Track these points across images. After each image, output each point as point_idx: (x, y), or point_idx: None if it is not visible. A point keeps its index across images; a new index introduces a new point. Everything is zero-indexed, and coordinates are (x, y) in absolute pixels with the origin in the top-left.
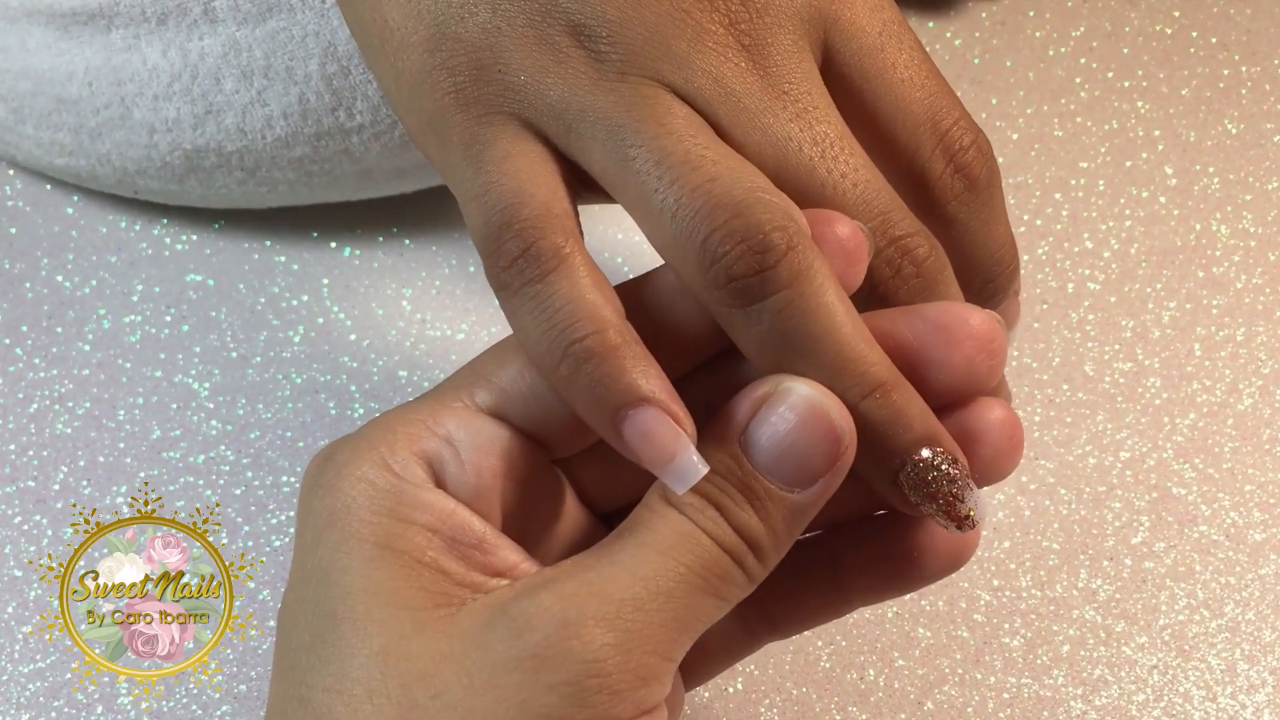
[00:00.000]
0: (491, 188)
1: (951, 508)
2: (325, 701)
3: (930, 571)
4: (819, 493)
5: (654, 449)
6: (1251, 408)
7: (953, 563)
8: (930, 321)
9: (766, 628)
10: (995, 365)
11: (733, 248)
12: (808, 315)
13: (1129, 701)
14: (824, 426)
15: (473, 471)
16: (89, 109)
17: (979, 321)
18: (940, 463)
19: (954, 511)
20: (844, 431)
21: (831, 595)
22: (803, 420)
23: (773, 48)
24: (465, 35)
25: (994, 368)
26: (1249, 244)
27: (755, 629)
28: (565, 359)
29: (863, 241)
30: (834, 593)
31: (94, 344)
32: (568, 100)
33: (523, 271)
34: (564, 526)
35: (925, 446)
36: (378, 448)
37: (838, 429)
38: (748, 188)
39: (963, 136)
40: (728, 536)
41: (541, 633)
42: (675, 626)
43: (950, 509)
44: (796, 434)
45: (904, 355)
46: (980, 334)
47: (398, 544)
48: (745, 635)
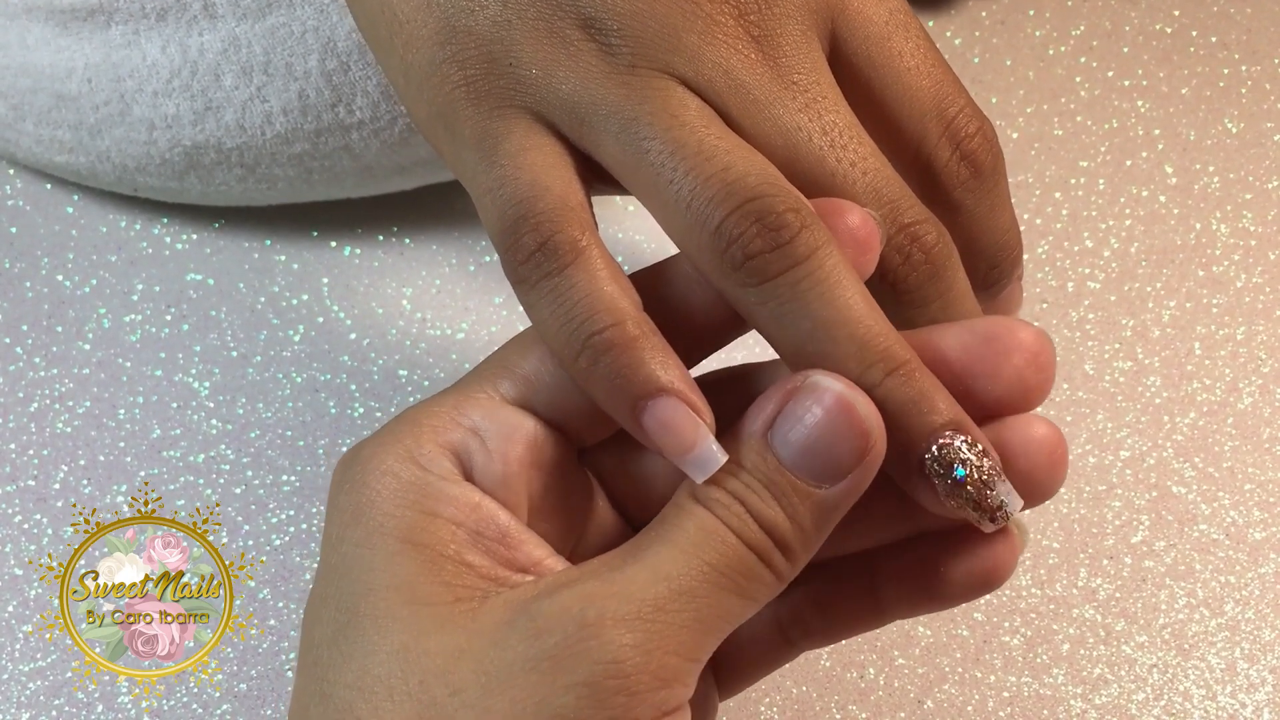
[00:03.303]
0: (506, 182)
1: (981, 496)
2: (346, 698)
3: (968, 587)
4: (848, 489)
5: (673, 438)
6: (1251, 407)
7: (991, 578)
8: (978, 333)
9: (804, 636)
10: (1043, 380)
11: (748, 228)
12: (826, 288)
13: (1129, 700)
14: (851, 420)
15: (499, 460)
16: (88, 105)
17: (1029, 335)
18: (966, 447)
19: (984, 500)
20: (872, 425)
21: (869, 607)
22: (829, 414)
23: (782, 39)
24: (476, 28)
25: (1042, 382)
26: (1249, 243)
27: (792, 637)
28: (584, 351)
29: (875, 229)
30: (871, 605)
31: (94, 343)
32: (579, 94)
33: (540, 265)
34: (595, 528)
35: (951, 431)
36: (403, 441)
37: (865, 422)
38: (760, 175)
39: (968, 124)
40: (753, 534)
41: (560, 633)
42: (699, 627)
43: (980, 497)
44: (823, 428)
45: (947, 368)
46: (1030, 346)
47: (420, 537)
48: (783, 644)
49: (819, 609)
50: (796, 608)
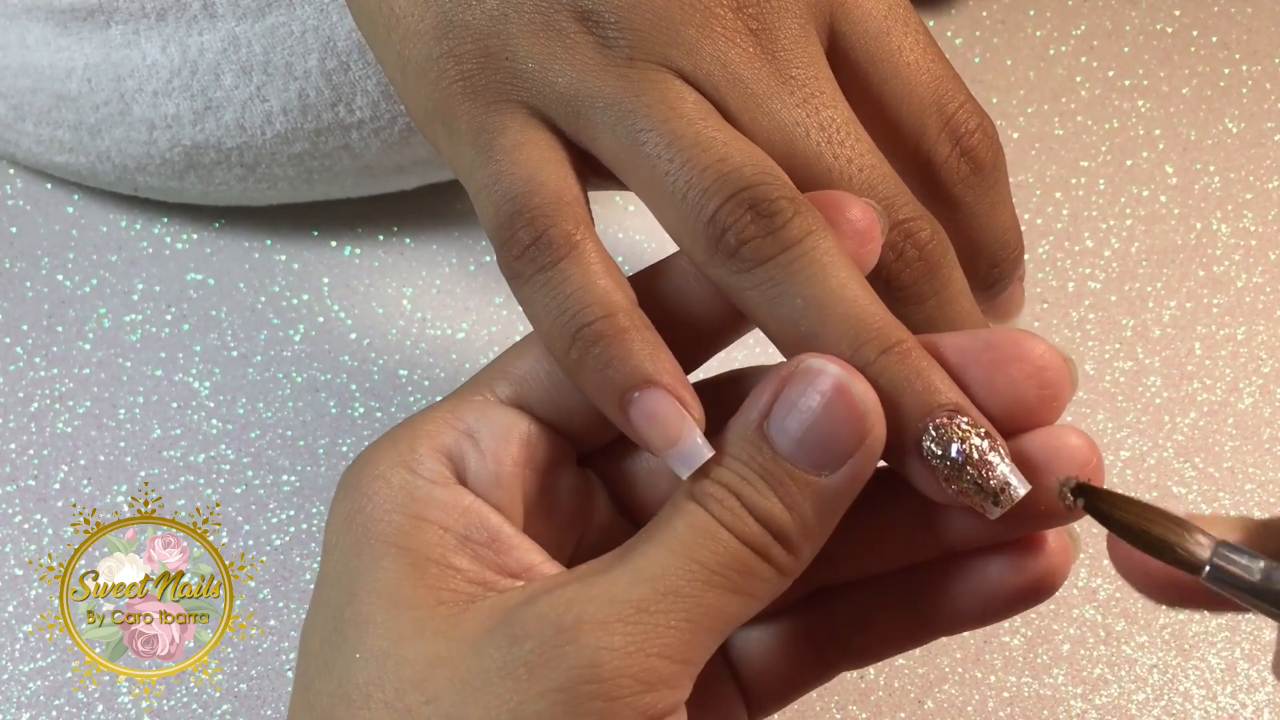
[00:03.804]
0: (502, 177)
1: (984, 478)
2: (328, 706)
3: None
4: (850, 475)
5: (659, 431)
6: (1252, 406)
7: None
8: (979, 339)
9: (842, 657)
10: (1048, 397)
11: (741, 215)
12: (820, 269)
13: (1129, 700)
14: (847, 402)
15: (493, 460)
16: (88, 105)
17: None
18: (964, 424)
19: (986, 483)
20: (869, 406)
21: (911, 625)
22: (824, 398)
23: (780, 33)
24: (472, 22)
25: (1047, 399)
26: (1249, 243)
27: (830, 658)
28: (575, 343)
29: (875, 220)
30: (913, 623)
31: (94, 343)
32: (576, 86)
33: (535, 259)
34: (597, 532)
35: (948, 412)
36: (398, 446)
37: (860, 404)
38: (756, 166)
39: (969, 120)
40: (748, 528)
41: (536, 639)
42: (689, 628)
43: (982, 480)
44: (819, 414)
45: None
46: (1033, 359)
47: (406, 541)
48: (819, 664)
49: (858, 628)
50: (834, 627)
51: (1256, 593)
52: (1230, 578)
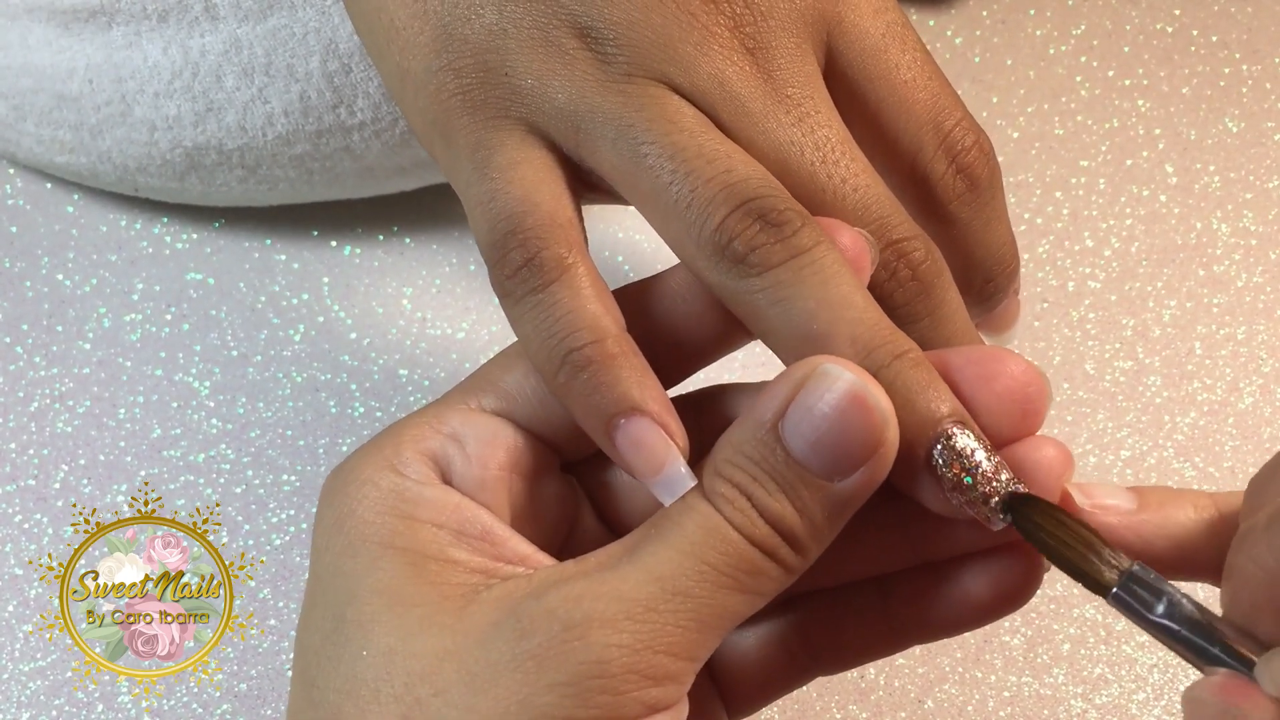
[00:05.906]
0: (497, 195)
1: (991, 489)
2: (335, 702)
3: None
4: (862, 482)
5: (644, 458)
6: (1252, 406)
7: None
8: (962, 355)
9: (814, 661)
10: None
11: (750, 224)
12: (830, 274)
13: (1129, 700)
14: (862, 410)
15: (478, 464)
16: (89, 106)
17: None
18: (973, 439)
19: (992, 493)
20: (885, 415)
21: (883, 632)
22: (841, 404)
23: (776, 51)
24: (471, 37)
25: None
26: (1249, 242)
27: (802, 662)
28: (564, 367)
29: (865, 248)
30: (885, 630)
31: (94, 342)
32: (575, 102)
33: (526, 280)
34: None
35: (956, 424)
36: (383, 451)
37: (877, 413)
38: (762, 179)
39: (965, 137)
40: (757, 529)
41: (545, 633)
42: (696, 626)
43: (990, 490)
44: (834, 418)
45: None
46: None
47: (401, 541)
48: (792, 667)
49: (829, 633)
50: (805, 631)
51: (1152, 627)
52: (1130, 609)
